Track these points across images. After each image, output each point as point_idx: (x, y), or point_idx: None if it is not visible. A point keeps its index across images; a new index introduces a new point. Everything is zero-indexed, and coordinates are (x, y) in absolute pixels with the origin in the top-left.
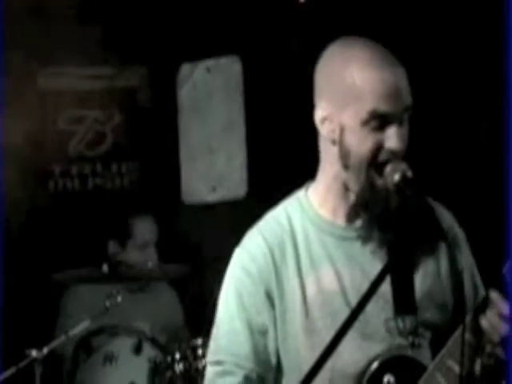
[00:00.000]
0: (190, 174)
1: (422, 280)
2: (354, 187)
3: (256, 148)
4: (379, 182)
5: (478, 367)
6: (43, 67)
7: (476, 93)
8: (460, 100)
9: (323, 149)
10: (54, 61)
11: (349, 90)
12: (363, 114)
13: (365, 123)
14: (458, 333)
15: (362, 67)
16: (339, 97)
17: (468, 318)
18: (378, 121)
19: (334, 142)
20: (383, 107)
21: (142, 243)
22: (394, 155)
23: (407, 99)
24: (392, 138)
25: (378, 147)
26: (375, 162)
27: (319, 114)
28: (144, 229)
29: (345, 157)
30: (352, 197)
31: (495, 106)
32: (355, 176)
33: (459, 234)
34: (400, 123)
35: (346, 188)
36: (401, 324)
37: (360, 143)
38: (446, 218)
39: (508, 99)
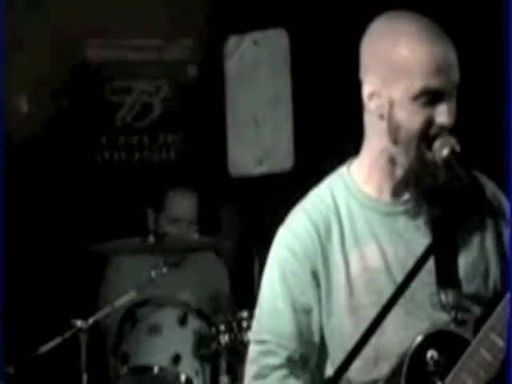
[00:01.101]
0: (237, 147)
1: (466, 253)
2: (403, 161)
3: (302, 121)
4: (429, 155)
5: None
6: (92, 38)
7: (476, 93)
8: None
9: (369, 124)
10: (103, 32)
11: (399, 65)
12: (414, 89)
13: (415, 98)
14: (500, 307)
15: (412, 42)
16: (388, 72)
17: (510, 293)
18: (429, 96)
19: (382, 117)
20: (434, 83)
21: (173, 217)
22: (443, 130)
23: (456, 74)
24: (442, 113)
25: (429, 122)
26: (425, 137)
27: (367, 89)
28: (177, 204)
29: (394, 131)
30: (399, 172)
31: (495, 106)
32: (404, 150)
33: (504, 203)
34: (449, 98)
35: (392, 163)
36: (443, 298)
37: (410, 118)
38: (491, 188)
39: (508, 99)
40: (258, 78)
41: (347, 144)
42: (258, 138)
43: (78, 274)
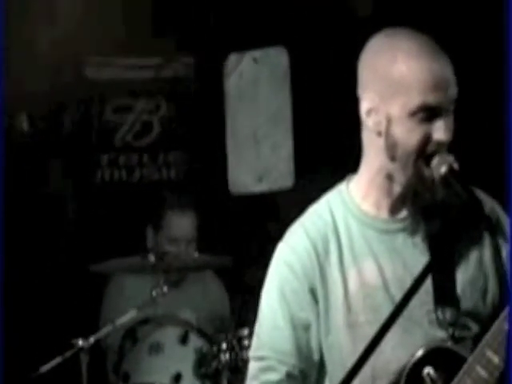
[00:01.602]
0: (237, 165)
1: (464, 270)
2: (401, 178)
3: (302, 139)
4: (426, 172)
5: None
6: (91, 57)
7: (476, 94)
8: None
9: (367, 141)
10: (102, 51)
11: (397, 81)
12: (412, 105)
13: (413, 115)
14: (497, 323)
15: (410, 58)
16: (386, 88)
17: (507, 309)
18: (426, 112)
19: (379, 134)
20: (432, 99)
21: (172, 237)
22: (440, 147)
23: (454, 90)
24: (440, 130)
25: (426, 138)
26: (423, 154)
27: (365, 105)
28: (175, 224)
29: (392, 148)
30: (397, 188)
31: (496, 107)
32: (402, 167)
33: (503, 219)
34: (447, 114)
35: (390, 180)
36: (441, 315)
37: (408, 134)
38: (489, 204)
39: (508, 99)
40: (257, 96)
41: (347, 162)
42: (258, 155)
43: (79, 294)
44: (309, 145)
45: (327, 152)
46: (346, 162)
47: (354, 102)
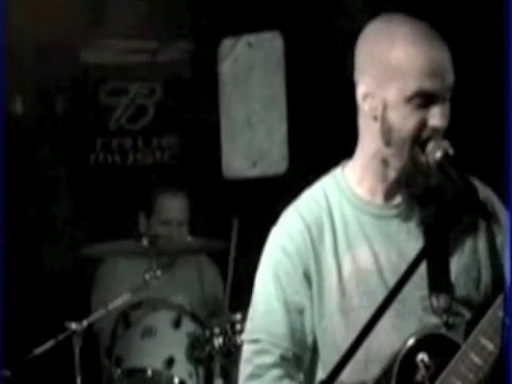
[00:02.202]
0: (231, 149)
1: (458, 257)
2: (396, 163)
3: (297, 124)
4: (422, 158)
5: None
6: (86, 40)
7: (475, 95)
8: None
9: (363, 126)
10: (97, 34)
11: (394, 66)
12: (408, 91)
13: (409, 100)
14: (491, 310)
15: (407, 44)
16: (383, 73)
17: (501, 296)
18: (423, 98)
19: (375, 118)
20: (428, 85)
21: (163, 220)
22: (436, 133)
23: (450, 77)
24: (436, 116)
25: (422, 124)
26: (418, 139)
27: (361, 90)
28: (166, 206)
29: (387, 133)
30: (392, 174)
31: (495, 109)
32: (398, 152)
33: (498, 208)
34: (443, 101)
35: (385, 165)
36: (435, 302)
37: (404, 120)
38: (484, 192)
39: (508, 100)
40: (252, 81)
41: (342, 147)
42: (252, 140)
43: (72, 277)
44: (303, 130)
45: (321, 137)
46: (340, 147)
47: (349, 87)
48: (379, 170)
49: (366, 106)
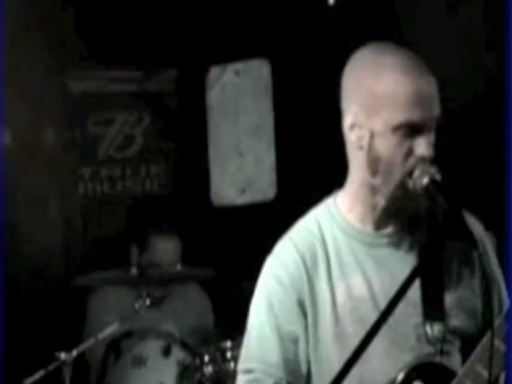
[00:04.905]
0: (220, 177)
1: (453, 287)
2: (384, 192)
3: (285, 151)
4: (410, 184)
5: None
6: (73, 70)
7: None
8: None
9: (351, 155)
10: (84, 64)
11: (381, 96)
12: (395, 121)
13: (396, 130)
14: (486, 338)
15: (395, 73)
16: (370, 103)
17: (497, 323)
18: (409, 128)
19: (361, 148)
20: (415, 116)
21: (156, 262)
22: (423, 162)
23: (437, 108)
24: (422, 146)
25: (409, 153)
26: (405, 167)
27: (348, 120)
28: (161, 248)
29: (374, 162)
30: (381, 202)
31: (496, 110)
32: (385, 181)
33: (488, 243)
34: (429, 131)
35: (373, 193)
36: (429, 330)
37: (390, 149)
38: (476, 227)
39: (508, 100)
40: (239, 109)
41: (330, 175)
42: (241, 167)
43: (63, 307)
44: (291, 157)
45: (310, 164)
46: (328, 174)
47: (337, 114)
48: (367, 199)
49: (352, 136)
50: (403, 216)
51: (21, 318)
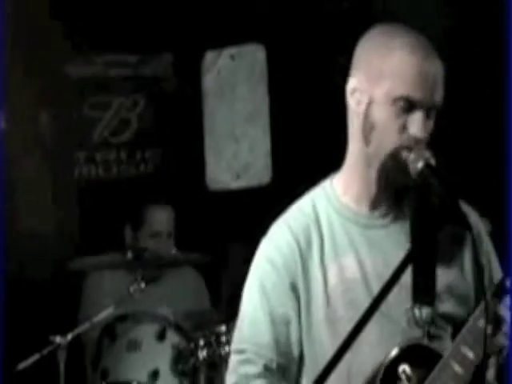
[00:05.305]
0: (215, 161)
1: (444, 273)
2: (376, 164)
3: (280, 136)
4: (403, 154)
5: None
6: (70, 54)
7: (476, 95)
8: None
9: (349, 123)
10: (81, 49)
11: (387, 69)
12: (396, 93)
13: (394, 102)
14: (472, 321)
15: (405, 52)
16: (376, 71)
17: (482, 306)
18: (407, 104)
19: (358, 115)
20: (416, 94)
21: (153, 233)
22: (416, 142)
23: (439, 95)
24: (417, 126)
25: (402, 129)
26: (397, 141)
27: (351, 84)
28: (156, 218)
29: (368, 130)
30: (373, 175)
31: (496, 108)
32: (377, 150)
33: (483, 229)
34: (427, 115)
35: (368, 167)
36: (417, 313)
37: (386, 121)
38: (471, 214)
39: (508, 99)
40: (235, 93)
41: (325, 159)
42: (236, 152)
43: (57, 291)
44: (286, 142)
45: (305, 149)
46: (323, 158)
47: (332, 98)
48: (363, 173)
49: (352, 101)
50: (396, 192)
51: (15, 303)
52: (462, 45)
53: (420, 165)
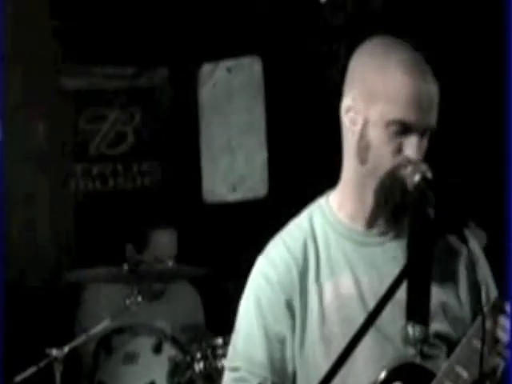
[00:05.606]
0: (211, 174)
1: (439, 291)
2: (372, 183)
3: (276, 148)
4: (401, 172)
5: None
6: (66, 66)
7: (476, 94)
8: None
9: (344, 141)
10: (77, 60)
11: (382, 90)
12: (389, 116)
13: (388, 125)
14: (465, 339)
15: (400, 73)
16: (370, 93)
17: (477, 324)
18: (402, 128)
19: (353, 133)
20: (411, 117)
21: (157, 257)
22: (410, 163)
23: (433, 118)
24: (411, 148)
25: (397, 151)
26: (393, 163)
27: (346, 102)
28: (161, 244)
29: (364, 150)
30: (369, 195)
31: (496, 107)
32: (374, 170)
33: (477, 248)
34: (421, 137)
35: (363, 186)
36: (411, 331)
37: (381, 141)
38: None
39: (508, 98)
40: (231, 106)
41: (321, 172)
42: (233, 164)
43: (54, 303)
44: (283, 154)
45: (301, 161)
46: (319, 171)
47: (328, 111)
48: (358, 193)
49: (346, 119)
50: (392, 210)
51: (12, 315)
52: (461, 45)
53: (417, 178)
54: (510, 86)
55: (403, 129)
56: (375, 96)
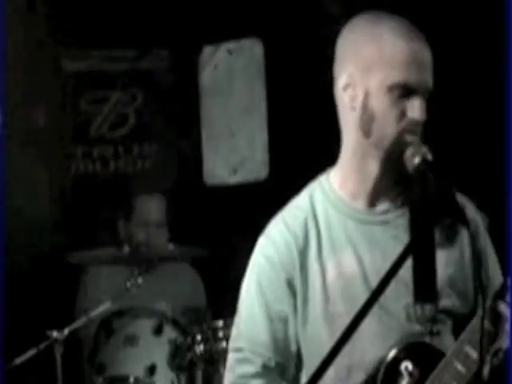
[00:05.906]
0: (212, 156)
1: (444, 267)
2: (376, 154)
3: (277, 130)
4: (407, 137)
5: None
6: (67, 49)
7: (476, 93)
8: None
9: (343, 121)
10: (78, 43)
11: (378, 56)
12: (390, 81)
13: (390, 90)
14: (475, 319)
15: (394, 36)
16: (367, 63)
17: (487, 304)
18: (404, 90)
19: (354, 109)
20: (410, 78)
21: (142, 222)
22: (415, 126)
23: (430, 78)
24: (415, 109)
25: (401, 115)
26: (398, 128)
27: (342, 81)
28: (145, 207)
29: (367, 122)
30: (374, 168)
31: (496, 105)
32: (378, 142)
33: (480, 223)
34: (422, 97)
35: (366, 159)
36: (419, 311)
37: (384, 110)
38: (468, 207)
39: (508, 98)
40: (232, 88)
41: (323, 153)
42: (233, 147)
43: (54, 285)
44: (284, 136)
45: (302, 143)
46: (321, 153)
47: (329, 93)
48: (360, 168)
49: (346, 97)
50: (395, 186)
51: (12, 297)
52: (461, 45)
53: (417, 160)
54: (510, 86)
55: (406, 92)
56: (373, 65)
